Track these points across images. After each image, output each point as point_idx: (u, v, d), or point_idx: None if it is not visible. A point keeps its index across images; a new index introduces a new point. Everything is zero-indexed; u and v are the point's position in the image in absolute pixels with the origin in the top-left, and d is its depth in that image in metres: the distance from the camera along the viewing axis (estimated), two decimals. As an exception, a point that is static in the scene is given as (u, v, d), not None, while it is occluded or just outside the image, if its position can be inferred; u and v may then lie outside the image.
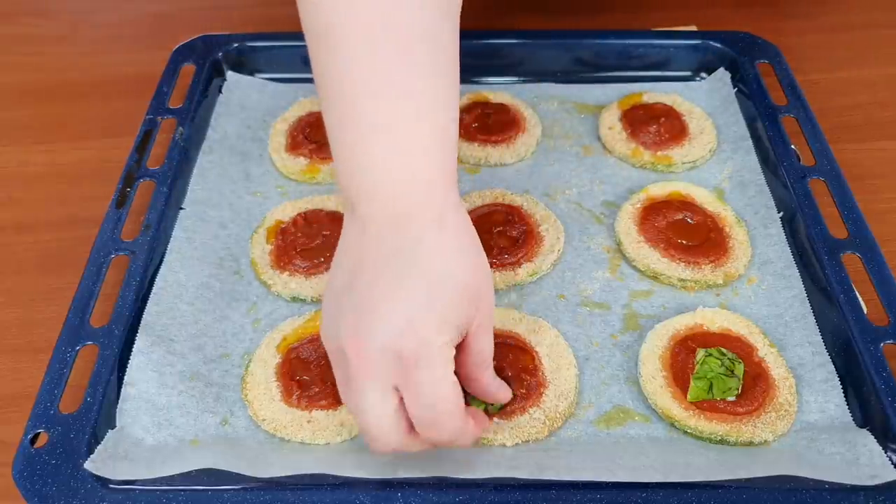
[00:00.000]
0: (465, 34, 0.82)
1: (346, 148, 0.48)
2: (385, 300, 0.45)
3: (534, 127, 0.78)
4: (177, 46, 0.83)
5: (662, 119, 0.76)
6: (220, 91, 0.81)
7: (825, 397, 0.56)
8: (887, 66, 0.89)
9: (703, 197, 0.70)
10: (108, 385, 0.55)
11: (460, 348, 0.48)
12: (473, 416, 0.49)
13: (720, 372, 0.56)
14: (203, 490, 0.50)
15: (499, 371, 0.57)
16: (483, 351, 0.49)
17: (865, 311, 0.59)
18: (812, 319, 0.61)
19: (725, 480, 0.50)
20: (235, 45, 0.83)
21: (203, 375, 0.58)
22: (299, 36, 0.83)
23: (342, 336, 0.45)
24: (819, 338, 0.59)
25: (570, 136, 0.78)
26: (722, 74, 0.81)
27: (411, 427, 0.46)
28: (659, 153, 0.75)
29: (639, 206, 0.69)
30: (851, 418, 0.55)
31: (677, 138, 0.75)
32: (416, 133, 0.47)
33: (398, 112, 0.47)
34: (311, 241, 0.66)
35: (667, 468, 0.51)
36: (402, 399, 0.45)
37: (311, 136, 0.75)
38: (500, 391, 0.52)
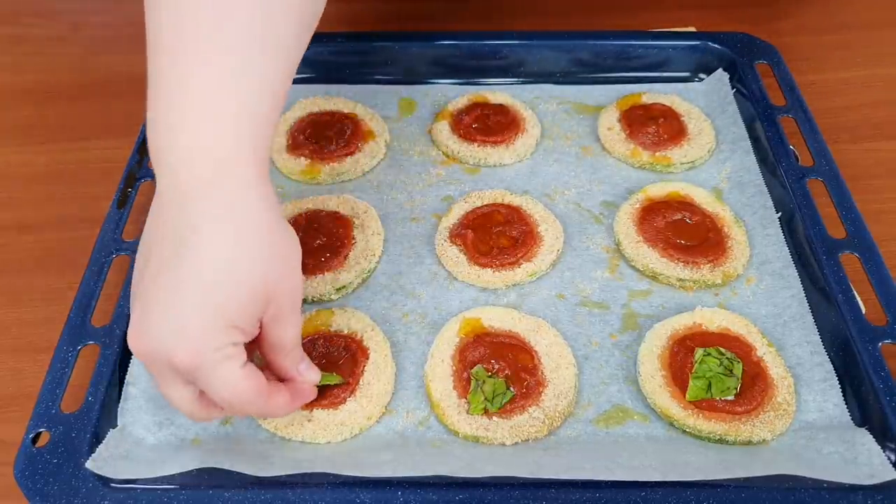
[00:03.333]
0: (466, 35, 0.84)
1: (150, 102, 0.44)
2: (159, 302, 0.42)
3: (533, 127, 0.78)
4: (177, 47, 0.83)
5: (661, 120, 0.76)
6: (220, 91, 0.81)
7: (824, 397, 0.56)
8: (885, 67, 0.90)
9: (701, 197, 0.70)
10: (110, 384, 0.55)
11: (259, 336, 0.47)
12: (293, 390, 0.49)
13: (719, 371, 0.56)
14: (204, 489, 0.50)
15: (498, 371, 0.57)
16: (280, 340, 0.47)
17: (864, 310, 0.59)
18: (810, 319, 0.61)
19: (724, 480, 0.50)
20: (236, 45, 0.83)
21: (204, 375, 0.59)
22: (299, 37, 0.85)
23: (129, 329, 0.44)
24: (817, 337, 0.60)
25: (570, 137, 0.78)
26: (720, 75, 0.81)
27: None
28: (658, 153, 0.75)
29: (638, 206, 0.70)
30: (850, 417, 0.55)
31: (676, 139, 0.75)
32: (215, 98, 0.42)
33: (201, 72, 0.42)
34: (311, 241, 0.66)
35: (666, 467, 0.51)
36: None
37: (311, 137, 0.76)
38: (307, 374, 0.51)
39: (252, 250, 0.44)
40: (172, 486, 0.50)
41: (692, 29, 0.90)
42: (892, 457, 0.51)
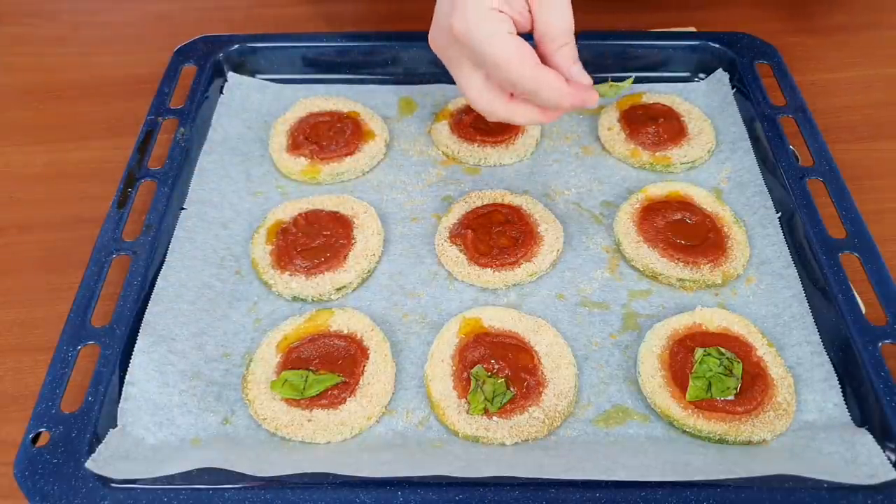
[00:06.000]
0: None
1: None
2: (443, 2, 0.52)
3: (533, 127, 0.78)
4: (178, 47, 0.83)
5: (661, 120, 0.76)
6: (221, 92, 0.81)
7: (824, 396, 0.56)
8: (885, 67, 0.90)
9: (701, 197, 0.70)
10: (110, 384, 0.56)
11: (533, 27, 0.54)
12: (573, 84, 0.55)
13: (719, 371, 0.56)
14: (204, 489, 0.50)
15: (498, 371, 0.57)
16: (547, 27, 0.54)
17: (864, 310, 0.59)
18: (810, 319, 0.61)
19: (724, 479, 0.50)
20: (236, 45, 0.83)
21: (204, 375, 0.59)
22: (300, 37, 0.85)
23: (429, 33, 0.56)
24: (817, 337, 0.60)
25: (570, 137, 0.79)
26: (720, 75, 0.81)
27: (511, 95, 0.54)
28: (658, 154, 0.75)
29: (638, 206, 0.70)
30: (850, 417, 0.55)
31: (676, 139, 0.75)
32: None
33: None
34: (311, 241, 0.66)
35: (666, 467, 0.51)
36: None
37: (311, 137, 0.76)
38: (579, 76, 0.56)
39: None
40: (172, 486, 0.50)
41: (692, 29, 0.90)
42: (892, 457, 0.52)
